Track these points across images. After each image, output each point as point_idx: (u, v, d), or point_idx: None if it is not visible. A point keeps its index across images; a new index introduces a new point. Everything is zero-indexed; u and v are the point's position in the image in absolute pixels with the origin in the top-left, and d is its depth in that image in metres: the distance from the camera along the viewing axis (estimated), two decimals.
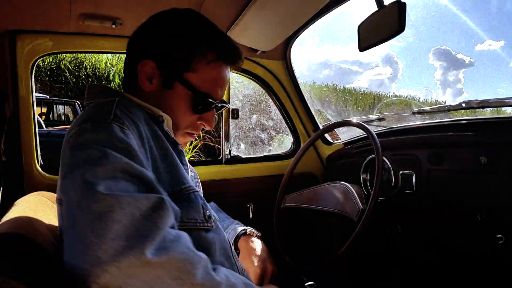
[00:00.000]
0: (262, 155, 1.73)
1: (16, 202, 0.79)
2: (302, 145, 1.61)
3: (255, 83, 1.65)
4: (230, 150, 1.59)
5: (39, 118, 5.84)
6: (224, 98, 0.80)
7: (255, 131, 5.30)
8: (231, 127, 1.61)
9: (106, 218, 0.42)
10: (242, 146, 5.22)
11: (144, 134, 0.61)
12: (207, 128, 0.78)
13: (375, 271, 1.41)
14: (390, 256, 1.32)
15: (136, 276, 0.41)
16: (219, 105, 0.77)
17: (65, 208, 0.48)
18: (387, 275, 1.34)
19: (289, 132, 1.79)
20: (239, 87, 4.40)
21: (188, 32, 0.71)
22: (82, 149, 0.51)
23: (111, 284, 0.40)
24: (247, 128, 5.25)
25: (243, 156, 1.63)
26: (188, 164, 0.80)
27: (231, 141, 1.61)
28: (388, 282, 1.33)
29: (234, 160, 1.59)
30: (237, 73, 1.61)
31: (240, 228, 0.97)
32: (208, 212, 0.65)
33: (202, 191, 0.88)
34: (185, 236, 0.49)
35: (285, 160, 1.72)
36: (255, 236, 0.95)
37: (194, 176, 0.89)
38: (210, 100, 0.73)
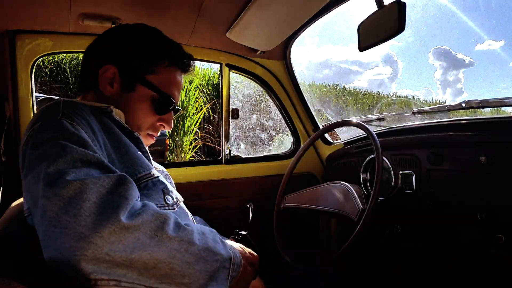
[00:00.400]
0: (262, 155, 1.73)
1: (15, 202, 0.79)
2: (302, 145, 1.61)
3: (255, 83, 1.65)
4: (230, 150, 1.59)
5: None
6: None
7: (255, 131, 5.30)
8: (231, 127, 1.61)
9: (76, 200, 0.45)
10: (242, 146, 5.22)
11: (96, 127, 0.63)
12: (167, 129, 0.84)
13: (375, 271, 1.41)
14: (390, 256, 1.32)
15: (118, 241, 0.45)
16: (177, 107, 0.83)
17: (33, 204, 0.50)
18: (387, 275, 1.34)
19: (289, 132, 1.79)
20: (239, 87, 4.40)
21: (147, 39, 0.78)
22: (39, 147, 0.54)
23: (98, 253, 0.43)
24: (247, 128, 5.24)
25: (243, 156, 1.63)
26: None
27: (231, 141, 1.61)
28: (388, 282, 1.33)
29: (234, 160, 1.59)
30: (237, 73, 1.61)
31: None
32: (169, 196, 0.68)
33: (172, 181, 0.93)
34: (150, 203, 0.55)
35: (285, 160, 1.72)
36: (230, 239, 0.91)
37: (161, 171, 0.92)
38: (171, 99, 0.79)
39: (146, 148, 0.77)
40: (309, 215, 1.69)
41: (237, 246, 0.74)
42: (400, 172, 1.21)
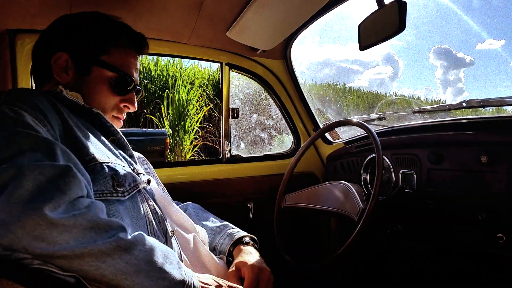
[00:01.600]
0: (262, 155, 1.73)
1: None
2: (302, 144, 1.61)
3: (255, 82, 1.65)
4: (230, 149, 1.59)
5: None
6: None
7: (256, 130, 5.30)
8: (231, 127, 1.61)
9: (10, 186, 0.43)
10: (243, 145, 5.22)
11: (46, 109, 0.60)
12: (132, 109, 0.83)
13: (375, 271, 1.41)
14: (390, 255, 1.32)
15: (42, 237, 0.41)
16: (137, 87, 0.84)
17: None
18: (388, 274, 1.34)
19: (289, 131, 1.79)
20: (239, 86, 4.40)
21: (99, 23, 0.79)
22: None
23: (15, 244, 0.40)
24: (247, 127, 5.25)
25: (243, 156, 1.63)
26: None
27: (231, 140, 1.61)
28: (388, 281, 1.33)
29: (234, 159, 1.59)
30: (237, 72, 1.60)
31: (237, 234, 0.93)
32: (118, 183, 0.64)
33: (155, 175, 0.93)
34: (98, 205, 0.51)
35: (286, 160, 1.72)
36: (252, 246, 0.89)
37: (140, 158, 0.92)
38: (130, 78, 0.79)
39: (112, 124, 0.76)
40: (310, 214, 1.70)
41: (208, 278, 0.65)
42: (401, 171, 1.21)
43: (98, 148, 0.65)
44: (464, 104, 1.14)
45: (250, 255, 0.84)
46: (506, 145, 0.93)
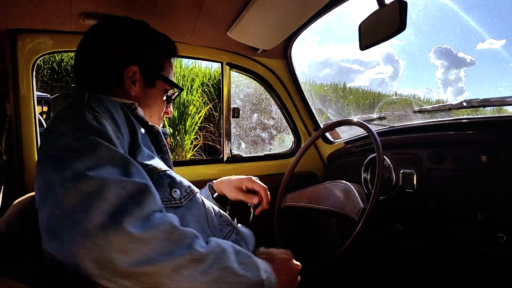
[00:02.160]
0: (263, 154, 1.73)
1: (15, 202, 0.79)
2: (302, 144, 1.61)
3: (256, 82, 1.65)
4: (231, 149, 1.59)
5: (40, 117, 5.84)
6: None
7: (256, 130, 5.30)
8: (232, 126, 1.61)
9: (93, 196, 0.44)
10: (243, 145, 5.22)
11: (120, 121, 0.63)
12: (170, 114, 0.92)
13: (375, 270, 1.41)
14: (390, 255, 1.32)
15: (125, 252, 0.42)
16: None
17: (44, 190, 0.47)
18: (388, 274, 1.34)
19: (290, 131, 1.79)
20: (240, 86, 4.40)
21: (156, 36, 0.84)
22: (63, 137, 0.53)
23: (102, 258, 0.41)
24: (248, 127, 5.25)
25: (244, 155, 1.63)
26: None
27: (232, 140, 1.61)
28: (389, 281, 1.33)
29: (235, 159, 1.59)
30: (238, 72, 1.60)
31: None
32: (177, 190, 0.67)
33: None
34: (171, 217, 0.51)
35: (286, 159, 1.72)
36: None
37: None
38: (180, 88, 0.89)
39: (163, 137, 0.81)
40: (310, 214, 1.70)
41: (281, 253, 0.71)
42: (401, 171, 1.21)
43: (155, 159, 0.69)
44: (464, 103, 1.14)
45: (229, 178, 0.98)
46: (507, 145, 0.93)
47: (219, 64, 1.53)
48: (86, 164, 0.48)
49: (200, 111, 6.10)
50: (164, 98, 0.86)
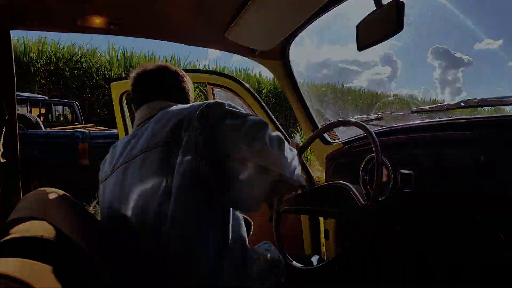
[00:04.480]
0: None
1: (20, 200, 0.79)
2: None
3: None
4: None
5: (38, 119, 5.82)
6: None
7: None
8: None
9: (293, 157, 0.81)
10: None
11: None
12: None
13: (374, 271, 1.40)
14: (389, 256, 1.32)
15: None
16: None
17: (272, 158, 0.72)
18: (387, 274, 1.34)
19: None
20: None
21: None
22: (245, 118, 0.75)
23: (292, 175, 0.78)
24: None
25: None
26: None
27: None
28: (388, 281, 1.33)
29: None
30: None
31: None
32: None
33: None
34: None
35: None
36: None
37: None
38: None
39: None
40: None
41: None
42: (400, 171, 1.21)
43: None
44: (462, 104, 1.14)
45: None
46: (504, 145, 0.93)
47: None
48: (276, 133, 0.79)
49: None
50: None
